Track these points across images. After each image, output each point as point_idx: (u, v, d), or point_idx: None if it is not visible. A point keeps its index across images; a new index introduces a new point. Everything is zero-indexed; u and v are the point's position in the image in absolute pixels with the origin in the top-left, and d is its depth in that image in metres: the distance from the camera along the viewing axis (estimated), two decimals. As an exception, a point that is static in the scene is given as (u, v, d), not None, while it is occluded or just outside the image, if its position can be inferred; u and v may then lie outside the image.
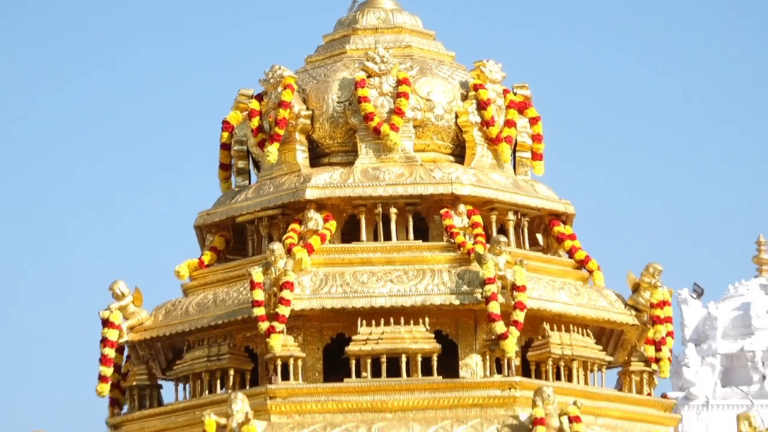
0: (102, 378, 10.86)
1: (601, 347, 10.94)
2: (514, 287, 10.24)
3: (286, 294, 10.19)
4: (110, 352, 10.91)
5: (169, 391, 11.07)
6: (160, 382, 11.08)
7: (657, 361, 11.04)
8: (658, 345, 10.99)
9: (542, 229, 11.53)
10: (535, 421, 9.64)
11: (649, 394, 11.07)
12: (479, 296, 10.27)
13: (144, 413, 10.82)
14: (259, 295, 10.22)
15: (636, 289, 11.07)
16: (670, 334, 11.04)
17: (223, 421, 9.65)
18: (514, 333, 10.23)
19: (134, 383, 10.98)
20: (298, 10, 40.53)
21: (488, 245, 10.51)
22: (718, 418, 28.34)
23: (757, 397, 28.47)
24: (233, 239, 11.41)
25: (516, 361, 10.50)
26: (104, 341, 10.90)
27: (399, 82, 10.94)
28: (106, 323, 10.89)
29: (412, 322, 10.37)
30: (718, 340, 30.58)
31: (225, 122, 11.55)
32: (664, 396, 11.27)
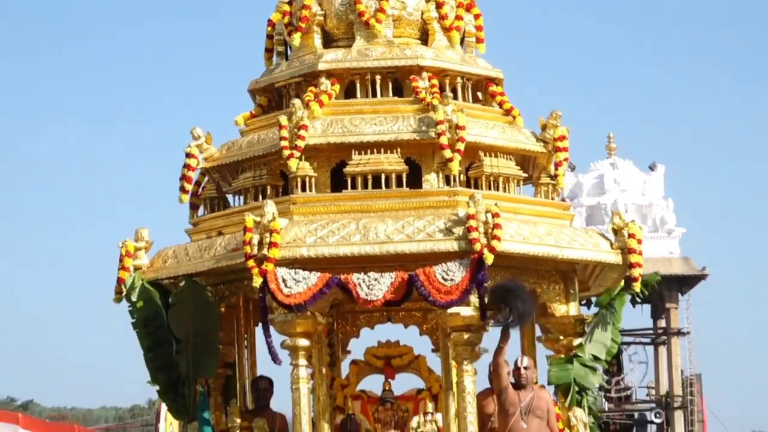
0: (183, 190, 11.38)
1: (520, 168, 11.28)
2: (458, 127, 10.61)
3: (302, 133, 10.60)
4: (191, 174, 11.40)
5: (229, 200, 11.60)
6: (224, 195, 11.56)
7: (555, 176, 11.41)
8: (557, 166, 11.41)
9: (481, 89, 11.79)
10: (468, 216, 10.05)
11: (552, 199, 11.48)
12: (433, 133, 10.67)
13: (212, 215, 11.32)
14: (284, 133, 10.66)
15: (544, 128, 11.40)
16: (566, 159, 11.36)
17: (258, 219, 10.08)
18: (457, 158, 10.61)
19: (207, 196, 11.51)
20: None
21: (441, 99, 10.89)
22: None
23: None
24: (274, 99, 11.80)
25: (461, 177, 10.89)
26: (186, 166, 11.36)
27: (382, -10, 11.37)
28: (188, 155, 11.38)
29: (389, 152, 10.77)
30: (584, 197, 35.78)
31: (269, 20, 11.94)
32: (563, 200, 11.66)
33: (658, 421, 36.64)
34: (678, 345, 37.87)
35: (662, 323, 37.62)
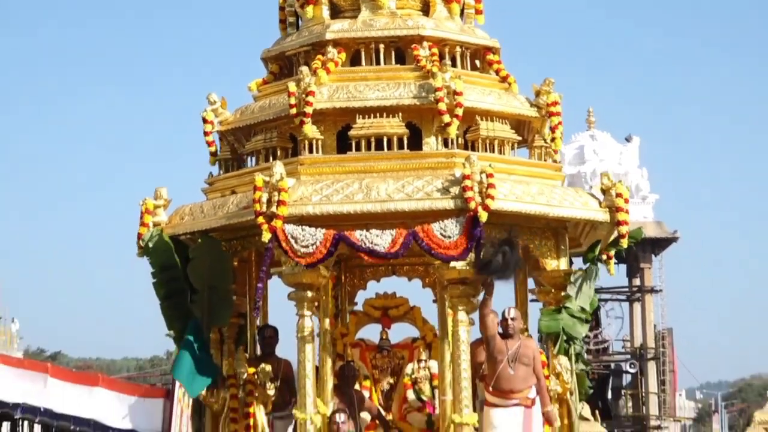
0: (211, 153, 11.47)
1: (515, 132, 11.20)
2: (455, 93, 10.52)
3: (310, 99, 10.53)
4: (208, 138, 11.46)
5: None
6: (238, 156, 11.50)
7: (553, 140, 11.35)
8: (552, 129, 11.34)
9: (479, 58, 11.70)
10: (464, 177, 10.00)
11: (545, 161, 11.42)
12: (432, 99, 10.59)
13: (226, 175, 11.33)
14: (293, 100, 10.59)
15: (537, 94, 11.29)
16: (560, 123, 11.28)
17: (267, 178, 10.06)
18: (455, 122, 10.55)
19: (222, 157, 11.46)
20: None
21: (440, 66, 10.81)
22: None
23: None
24: (285, 67, 11.71)
25: (459, 140, 10.86)
26: (205, 133, 11.50)
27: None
28: (204, 121, 11.42)
29: (391, 116, 10.71)
30: (566, 166, 33.92)
31: (281, -7, 11.86)
32: (554, 161, 11.49)
33: (632, 371, 37.65)
34: (651, 302, 39.13)
35: (637, 282, 38.59)
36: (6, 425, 40.67)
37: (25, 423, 40.19)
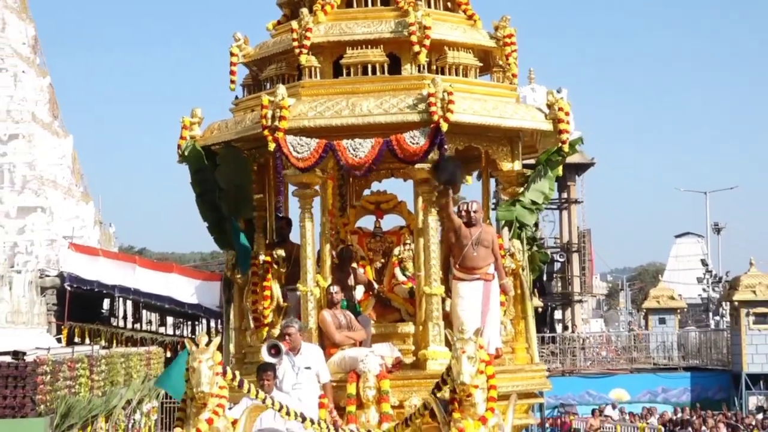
0: (232, 81, 11.18)
1: (478, 60, 10.69)
2: (425, 27, 10.07)
3: (308, 34, 10.22)
4: (233, 68, 11.08)
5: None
6: (258, 82, 11.11)
7: (508, 65, 10.85)
8: (507, 57, 10.80)
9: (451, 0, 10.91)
10: (429, 95, 9.61)
11: (502, 83, 10.91)
12: (406, 33, 10.16)
13: (248, 97, 11.03)
14: (295, 35, 10.31)
15: (496, 29, 10.82)
16: (514, 51, 10.75)
17: (272, 98, 9.77)
18: (424, 51, 10.06)
19: (245, 83, 11.24)
20: None
21: (414, 6, 10.31)
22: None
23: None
24: (295, 9, 10.94)
25: (433, 67, 10.36)
26: (231, 64, 11.14)
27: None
28: (231, 54, 11.05)
29: (374, 47, 10.30)
30: None
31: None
32: (510, 83, 10.92)
33: (561, 260, 44.20)
34: (575, 210, 45.01)
35: (565, 195, 44.36)
36: (107, 301, 42.33)
37: (120, 299, 42.03)
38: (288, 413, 8.46)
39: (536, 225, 11.18)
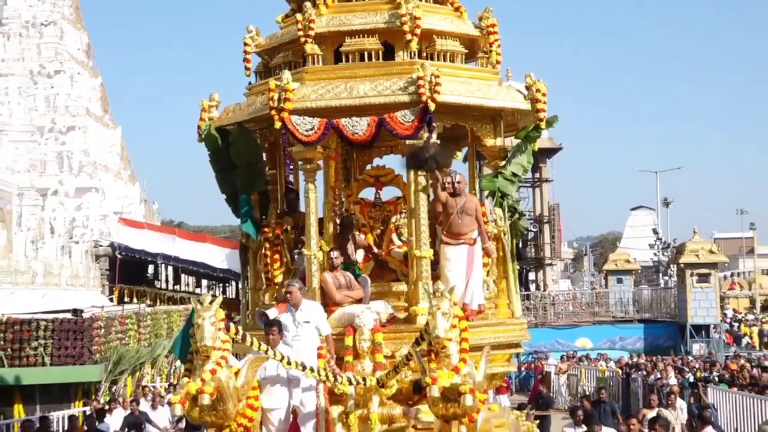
0: (246, 68, 10.28)
1: (464, 47, 9.97)
2: (415, 17, 9.40)
3: (312, 25, 9.53)
4: (247, 56, 10.24)
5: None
6: (269, 69, 10.37)
7: (491, 52, 10.09)
8: (490, 44, 10.12)
9: None
10: (418, 78, 8.91)
11: (486, 67, 10.16)
12: (398, 23, 9.48)
13: (260, 82, 10.26)
14: (299, 26, 9.64)
15: (480, 19, 10.09)
16: (496, 39, 10.03)
17: (278, 83, 9.08)
18: (415, 39, 9.41)
19: (258, 70, 10.47)
20: None
21: None
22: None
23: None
24: (301, 3, 10.09)
25: (424, 54, 9.64)
26: (245, 52, 10.30)
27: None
28: (245, 44, 10.18)
29: (370, 36, 9.58)
30: None
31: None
32: (493, 67, 10.17)
33: (534, 230, 44.84)
34: (546, 187, 46.01)
35: (537, 175, 45.15)
36: (151, 267, 42.04)
37: (162, 265, 41.77)
38: (289, 362, 7.79)
39: (518, 201, 10.46)
